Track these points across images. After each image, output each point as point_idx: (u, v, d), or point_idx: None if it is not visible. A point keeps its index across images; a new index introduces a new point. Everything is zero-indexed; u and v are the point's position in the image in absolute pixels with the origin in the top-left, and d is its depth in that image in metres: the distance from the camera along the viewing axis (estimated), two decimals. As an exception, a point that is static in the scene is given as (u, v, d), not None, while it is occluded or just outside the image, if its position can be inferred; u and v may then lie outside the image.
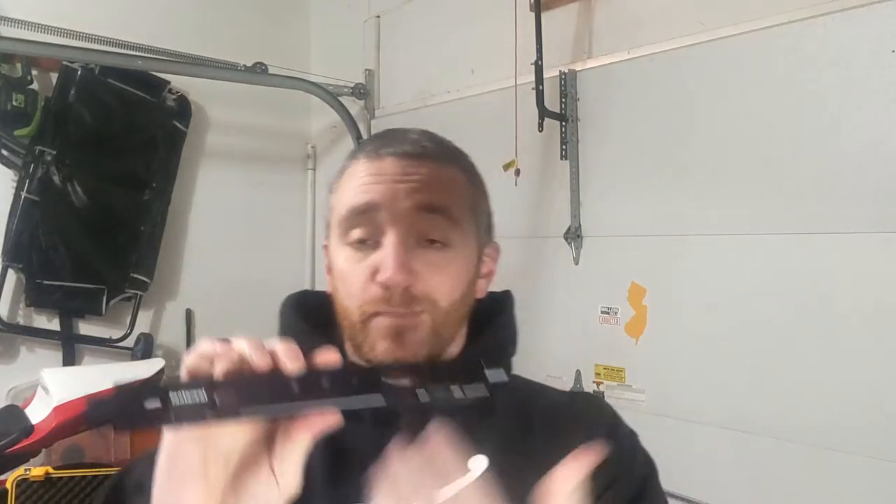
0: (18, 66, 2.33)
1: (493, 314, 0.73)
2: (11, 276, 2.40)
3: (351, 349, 0.68)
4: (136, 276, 2.58)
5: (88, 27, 2.41)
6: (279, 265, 2.96)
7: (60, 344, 2.49)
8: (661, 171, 1.97)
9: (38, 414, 2.01)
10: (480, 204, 0.71)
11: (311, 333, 0.69)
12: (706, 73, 1.89)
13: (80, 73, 2.42)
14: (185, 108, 2.70)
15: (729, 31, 1.84)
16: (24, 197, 2.36)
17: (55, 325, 2.49)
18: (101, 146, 2.49)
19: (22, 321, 2.44)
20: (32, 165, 2.37)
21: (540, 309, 2.22)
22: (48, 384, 2.04)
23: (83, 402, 1.97)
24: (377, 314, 0.64)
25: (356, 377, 0.46)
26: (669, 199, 1.95)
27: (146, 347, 2.51)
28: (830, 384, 1.64)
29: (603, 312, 2.09)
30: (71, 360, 2.49)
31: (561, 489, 0.49)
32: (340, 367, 0.47)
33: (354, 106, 2.85)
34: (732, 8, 1.84)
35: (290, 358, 0.45)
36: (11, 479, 1.93)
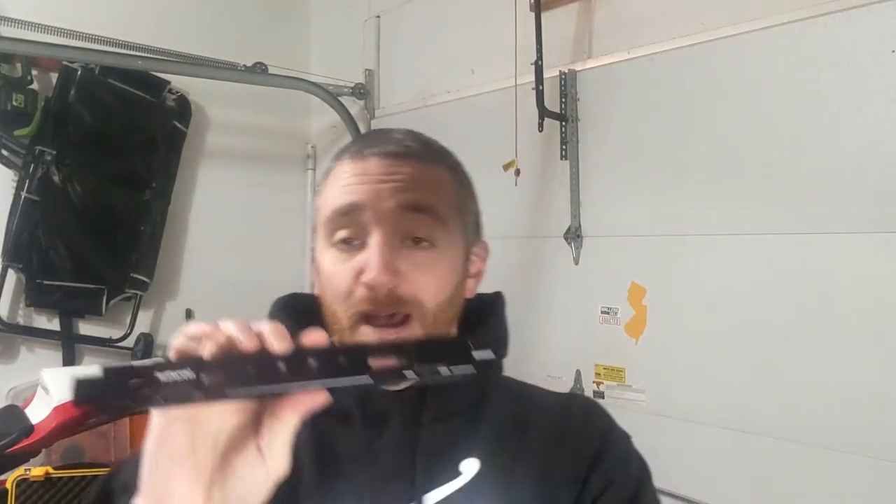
0: (18, 66, 2.33)
1: (483, 315, 0.72)
2: (11, 276, 2.40)
3: None
4: (136, 276, 2.58)
5: (88, 27, 2.41)
6: (279, 265, 2.96)
7: (60, 344, 2.49)
8: (661, 171, 1.97)
9: (38, 414, 2.01)
10: (467, 203, 0.70)
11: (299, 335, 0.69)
12: (706, 73, 1.89)
13: (80, 73, 2.43)
14: (185, 108, 2.70)
15: (729, 31, 1.84)
16: (24, 197, 2.36)
17: (55, 325, 2.49)
18: (101, 146, 2.49)
19: (22, 321, 2.45)
20: (32, 165, 2.37)
21: (540, 309, 2.22)
22: (48, 384, 2.04)
23: (92, 407, 1.97)
24: (365, 320, 0.63)
25: (343, 357, 0.45)
26: (669, 199, 1.95)
27: (146, 347, 2.52)
28: (830, 384, 1.64)
29: (603, 312, 2.09)
30: (71, 360, 2.49)
31: None
32: (328, 347, 0.46)
33: (354, 106, 2.85)
34: (732, 8, 1.84)
35: (277, 338, 0.45)
36: (11, 479, 1.93)
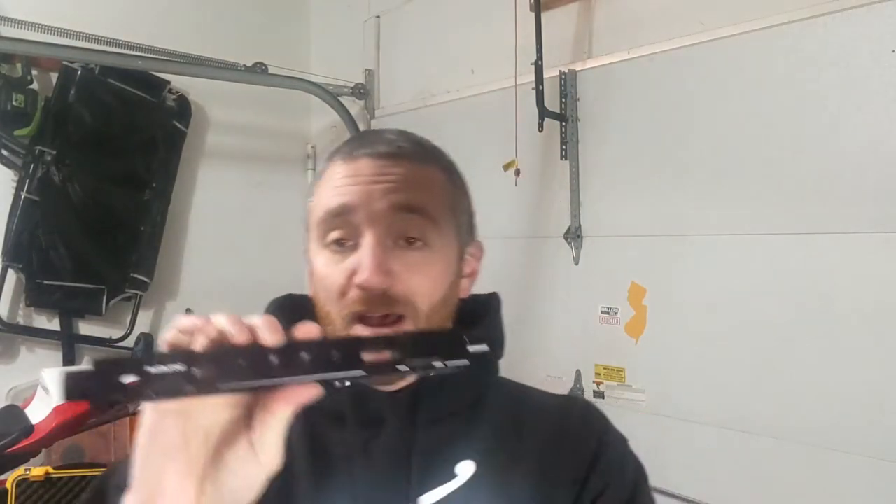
0: (18, 66, 2.33)
1: (478, 316, 0.71)
2: (11, 276, 2.40)
3: None
4: (136, 276, 2.58)
5: (88, 27, 2.40)
6: (279, 265, 2.94)
7: (60, 344, 2.49)
8: (661, 171, 1.97)
9: (38, 414, 2.01)
10: (461, 203, 0.70)
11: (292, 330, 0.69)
12: (706, 73, 1.89)
13: (80, 73, 2.42)
14: (185, 108, 2.70)
15: (729, 31, 1.84)
16: (24, 197, 2.36)
17: (55, 325, 2.49)
18: (101, 146, 2.49)
19: (22, 321, 2.44)
20: (32, 165, 2.37)
21: (540, 309, 2.22)
22: (48, 384, 2.04)
23: (84, 402, 1.97)
24: (358, 321, 0.62)
25: (336, 350, 0.45)
26: (669, 199, 1.95)
27: (146, 347, 2.51)
28: (830, 384, 1.64)
29: (603, 312, 2.09)
30: (71, 360, 2.49)
31: None
32: (320, 340, 0.46)
33: (354, 106, 2.85)
34: (732, 8, 1.84)
35: (269, 331, 0.45)
36: (11, 479, 1.93)
